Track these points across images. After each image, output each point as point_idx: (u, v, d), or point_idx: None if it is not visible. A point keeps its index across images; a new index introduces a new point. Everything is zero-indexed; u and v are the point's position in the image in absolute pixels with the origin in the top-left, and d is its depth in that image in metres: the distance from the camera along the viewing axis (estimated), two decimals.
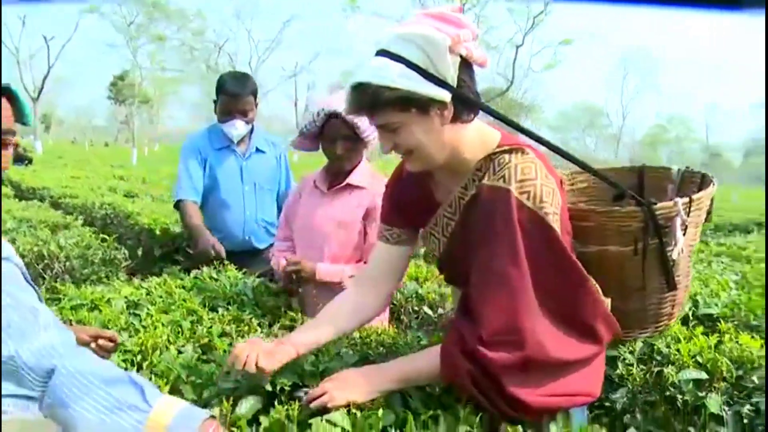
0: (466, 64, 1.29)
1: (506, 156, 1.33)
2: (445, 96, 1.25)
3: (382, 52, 1.26)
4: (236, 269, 2.54)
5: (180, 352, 1.54)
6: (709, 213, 1.65)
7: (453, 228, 1.42)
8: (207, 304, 2.01)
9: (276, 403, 1.21)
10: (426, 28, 1.25)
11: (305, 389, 1.29)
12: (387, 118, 1.28)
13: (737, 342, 1.87)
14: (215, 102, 2.98)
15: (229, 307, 1.99)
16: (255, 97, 2.98)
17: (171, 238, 4.17)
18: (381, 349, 1.62)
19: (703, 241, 5.47)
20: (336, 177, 2.24)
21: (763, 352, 1.77)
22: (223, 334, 1.72)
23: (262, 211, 3.10)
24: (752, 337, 1.87)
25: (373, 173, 2.24)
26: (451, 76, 1.25)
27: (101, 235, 3.68)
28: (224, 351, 1.54)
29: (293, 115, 53.15)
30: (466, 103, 1.29)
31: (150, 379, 1.33)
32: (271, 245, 3.16)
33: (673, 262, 1.52)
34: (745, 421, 1.62)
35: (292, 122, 52.12)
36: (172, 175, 11.92)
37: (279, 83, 48.51)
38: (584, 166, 1.51)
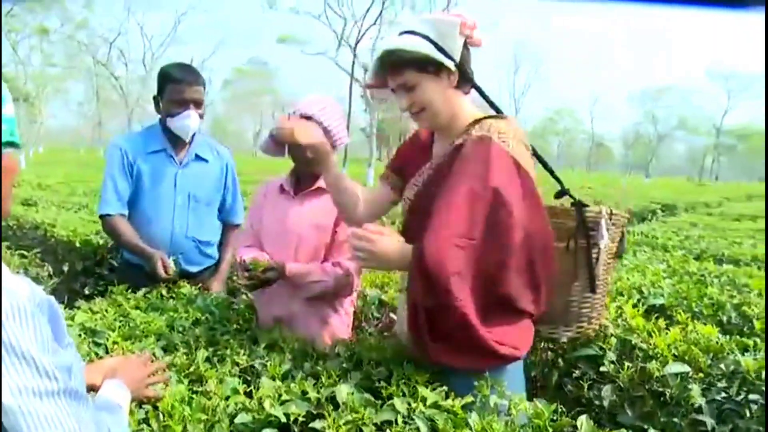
0: (466, 47, 1.58)
1: (490, 120, 1.59)
2: (451, 64, 1.54)
3: (406, 32, 1.56)
4: (189, 284, 2.38)
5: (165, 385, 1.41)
6: (620, 246, 1.88)
7: (432, 175, 1.63)
8: (174, 327, 1.86)
9: None
10: (438, 15, 1.61)
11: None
12: (406, 78, 1.57)
13: (695, 331, 1.98)
14: (156, 99, 2.60)
15: (197, 328, 1.86)
16: (204, 90, 2.64)
17: (92, 251, 3.85)
18: (380, 368, 1.56)
19: None
20: (304, 180, 2.18)
21: (726, 342, 1.88)
22: (205, 359, 1.59)
23: (196, 227, 2.66)
24: (712, 325, 1.98)
25: None
26: (457, 51, 1.55)
27: (19, 251, 3.32)
28: (219, 381, 1.43)
29: None
30: (464, 75, 1.58)
31: (159, 418, 1.21)
32: (205, 269, 2.78)
33: (596, 260, 1.72)
34: (716, 407, 1.71)
35: None
36: (68, 179, 11.10)
37: None
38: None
